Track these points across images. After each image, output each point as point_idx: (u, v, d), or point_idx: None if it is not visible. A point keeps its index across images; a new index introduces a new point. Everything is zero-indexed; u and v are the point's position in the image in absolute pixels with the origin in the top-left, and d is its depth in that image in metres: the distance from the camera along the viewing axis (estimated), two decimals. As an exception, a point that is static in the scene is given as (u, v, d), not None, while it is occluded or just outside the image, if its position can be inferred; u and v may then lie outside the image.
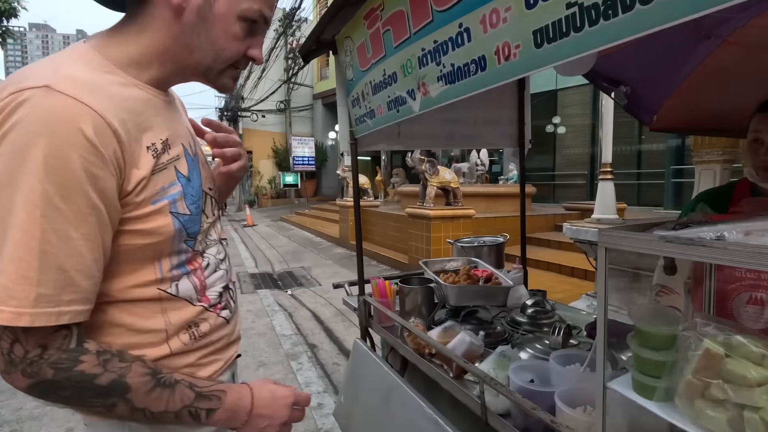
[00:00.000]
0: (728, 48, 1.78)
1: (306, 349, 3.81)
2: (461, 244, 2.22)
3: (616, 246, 0.71)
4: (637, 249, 0.69)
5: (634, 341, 0.72)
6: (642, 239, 0.68)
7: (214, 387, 0.70)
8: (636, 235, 0.69)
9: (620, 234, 0.71)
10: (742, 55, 1.78)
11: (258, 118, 21.20)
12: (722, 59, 1.82)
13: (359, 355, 1.72)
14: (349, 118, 1.72)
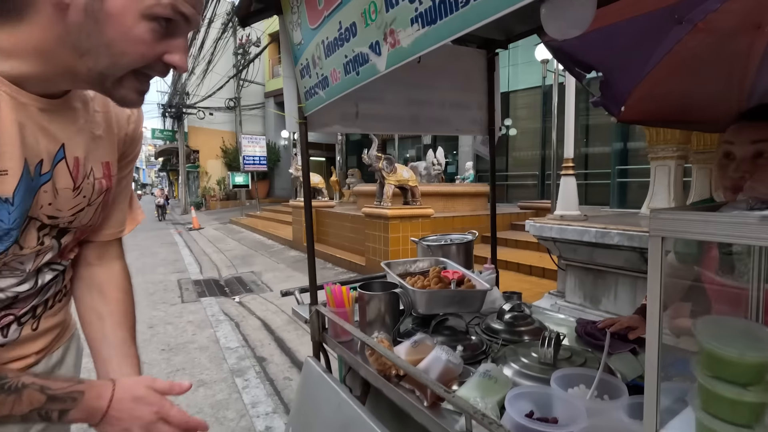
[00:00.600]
0: (698, 35, 1.69)
1: (254, 363, 3.43)
2: (427, 243, 1.98)
3: (682, 234, 0.49)
4: (718, 237, 0.46)
5: (703, 369, 0.50)
6: (727, 222, 0.45)
7: (72, 388, 0.66)
8: (715, 218, 0.46)
9: (689, 217, 0.48)
10: (711, 43, 1.70)
11: (205, 116, 20.08)
12: (691, 47, 1.73)
13: (311, 377, 1.43)
14: (297, 93, 1.43)
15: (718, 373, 0.48)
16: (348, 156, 19.57)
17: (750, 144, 0.96)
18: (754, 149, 0.95)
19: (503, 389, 1.01)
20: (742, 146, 0.97)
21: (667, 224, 0.49)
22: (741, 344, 0.48)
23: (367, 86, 1.63)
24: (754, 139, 0.95)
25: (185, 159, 21.37)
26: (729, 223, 0.44)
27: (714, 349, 0.49)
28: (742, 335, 0.50)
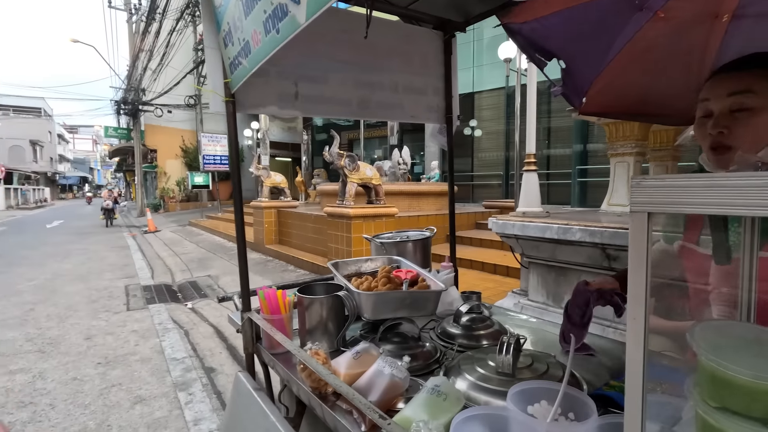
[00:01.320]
0: (657, 23, 1.64)
1: (201, 375, 3.16)
2: (381, 240, 1.82)
3: (678, 207, 0.34)
4: (730, 208, 0.32)
5: (704, 396, 0.35)
6: (746, 184, 0.31)
7: None
8: (727, 180, 0.32)
9: (686, 183, 0.33)
10: (670, 32, 1.65)
11: (163, 113, 19.16)
12: (651, 37, 1.68)
13: (240, 394, 1.23)
14: (222, 66, 1.23)
15: (725, 402, 0.34)
16: (314, 156, 19.21)
17: (727, 97, 0.86)
18: (731, 102, 0.85)
19: (454, 408, 0.86)
20: (718, 100, 0.87)
21: (657, 194, 0.35)
22: (753, 360, 0.34)
23: (307, 64, 1.46)
24: (731, 91, 0.85)
25: (142, 159, 20.32)
26: (749, 187, 0.29)
27: (719, 369, 0.35)
28: (753, 347, 0.37)
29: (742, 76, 0.86)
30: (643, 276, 0.37)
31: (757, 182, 0.30)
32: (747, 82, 0.85)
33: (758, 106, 0.83)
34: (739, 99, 0.85)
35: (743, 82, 0.85)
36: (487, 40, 11.71)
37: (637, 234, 0.37)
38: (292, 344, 1.05)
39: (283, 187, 8.96)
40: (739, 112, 0.85)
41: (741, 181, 0.30)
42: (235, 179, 1.32)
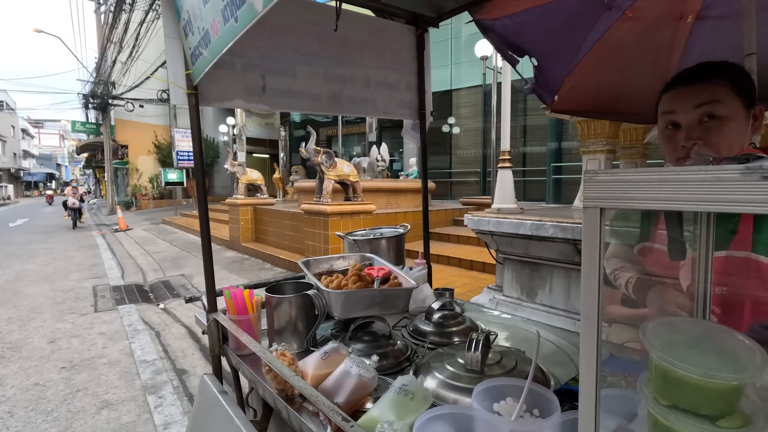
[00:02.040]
0: (625, 23, 1.68)
1: (172, 377, 3.07)
2: (354, 238, 1.80)
3: (631, 202, 0.33)
4: (685, 203, 0.31)
5: (655, 395, 0.35)
6: (702, 179, 0.30)
7: None
8: (683, 174, 0.31)
9: (640, 177, 0.33)
10: (638, 32, 1.69)
11: (134, 108, 18.55)
12: (620, 36, 1.72)
13: (206, 398, 1.19)
14: (183, 56, 1.18)
15: (676, 401, 0.34)
16: (292, 152, 18.98)
17: (694, 109, 0.88)
18: (699, 113, 0.87)
19: (421, 407, 0.84)
20: (686, 113, 0.89)
21: (609, 189, 0.34)
22: (704, 358, 0.34)
23: (275, 57, 1.42)
24: (698, 103, 0.87)
25: (112, 155, 19.63)
26: (704, 181, 0.28)
27: (669, 367, 0.34)
28: (704, 344, 0.36)
29: (705, 87, 0.88)
30: (596, 273, 0.36)
31: (708, 176, 0.29)
32: (711, 92, 0.87)
33: (726, 115, 0.85)
34: (708, 109, 0.87)
35: (707, 92, 0.87)
36: (464, 38, 11.80)
37: (590, 230, 0.36)
38: (257, 345, 1.02)
39: (259, 184, 8.81)
40: (709, 122, 0.87)
41: (692, 176, 0.30)
42: (199, 175, 1.27)
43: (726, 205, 0.28)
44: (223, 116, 19.48)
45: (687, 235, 0.84)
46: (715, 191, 0.28)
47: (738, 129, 0.86)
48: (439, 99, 11.75)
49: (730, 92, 0.87)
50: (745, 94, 0.88)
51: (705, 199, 0.29)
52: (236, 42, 1.30)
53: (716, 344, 0.36)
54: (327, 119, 18.21)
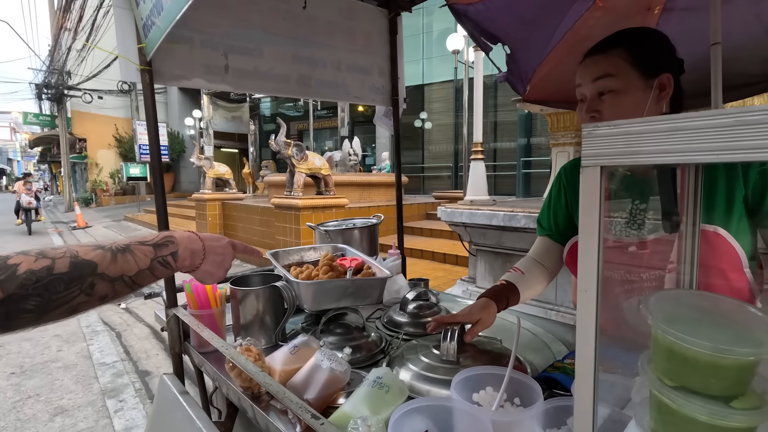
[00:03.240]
0: (596, 12, 1.68)
1: (134, 380, 2.91)
2: (325, 228, 1.73)
3: (643, 156, 0.29)
4: (693, 155, 0.27)
5: (659, 374, 0.31)
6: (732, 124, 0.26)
7: (160, 235, 0.69)
8: (680, 121, 0.27)
9: (652, 127, 0.28)
10: (608, 22, 1.69)
11: (93, 99, 17.61)
12: (590, 25, 1.71)
13: (165, 399, 1.11)
14: (135, 28, 1.08)
15: (683, 381, 0.30)
16: (262, 147, 18.57)
17: (592, 82, 0.89)
18: (596, 86, 0.88)
19: (397, 400, 0.80)
20: (587, 86, 0.90)
21: (612, 144, 0.30)
22: (715, 333, 0.30)
23: (239, 34, 1.33)
24: (595, 77, 0.88)
25: (69, 148, 18.58)
26: (725, 127, 0.24)
27: (677, 342, 0.30)
28: (714, 318, 0.33)
29: (601, 60, 0.88)
30: (595, 242, 0.32)
31: (730, 120, 0.25)
32: (605, 66, 0.88)
33: (619, 88, 0.86)
34: (603, 83, 0.87)
35: (602, 66, 0.88)
36: (436, 33, 11.83)
37: (589, 193, 0.32)
38: (220, 341, 0.94)
39: (227, 179, 8.54)
40: (605, 95, 0.88)
41: (710, 121, 0.26)
42: (155, 161, 1.18)
43: (752, 153, 0.24)
44: (189, 108, 18.80)
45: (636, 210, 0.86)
46: (738, 137, 0.24)
47: (634, 101, 0.86)
48: (411, 93, 11.71)
49: (625, 64, 0.87)
50: (643, 64, 0.87)
51: (726, 147, 0.25)
52: (195, 17, 1.21)
53: (727, 318, 0.33)
54: (298, 113, 17.90)
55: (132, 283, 0.62)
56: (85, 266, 0.57)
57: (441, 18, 11.30)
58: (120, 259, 0.60)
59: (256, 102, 17.88)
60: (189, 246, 0.71)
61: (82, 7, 11.61)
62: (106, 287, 0.59)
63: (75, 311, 0.58)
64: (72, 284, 0.55)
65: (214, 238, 0.79)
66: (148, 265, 0.64)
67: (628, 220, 0.96)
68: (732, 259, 0.81)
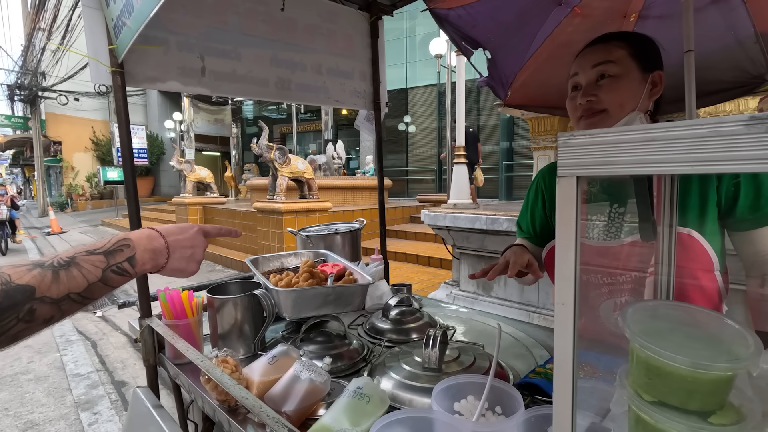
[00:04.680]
0: (574, 19, 1.70)
1: (109, 391, 2.81)
2: (307, 234, 1.71)
3: (618, 167, 0.28)
4: (670, 166, 0.26)
5: (638, 389, 0.30)
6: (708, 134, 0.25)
7: (112, 241, 0.62)
8: (657, 131, 0.26)
9: (630, 136, 0.28)
10: (586, 29, 1.72)
11: (69, 101, 17.13)
12: (569, 32, 1.75)
13: (138, 414, 1.06)
14: (106, 28, 1.04)
15: (662, 395, 0.30)
16: (245, 150, 18.35)
17: (591, 68, 0.93)
18: (596, 71, 0.93)
19: (378, 411, 0.78)
20: (585, 72, 0.94)
21: (587, 153, 0.29)
22: (692, 346, 0.30)
23: (216, 36, 1.30)
24: (595, 63, 0.93)
25: (43, 151, 18.01)
26: (701, 138, 0.24)
27: (654, 356, 0.30)
28: (690, 330, 0.33)
29: (602, 48, 0.94)
30: (572, 253, 0.31)
31: (705, 131, 0.24)
32: (606, 53, 0.93)
33: (618, 73, 0.91)
34: (602, 68, 0.92)
35: (603, 53, 0.93)
36: (419, 37, 11.90)
37: (565, 203, 0.31)
38: (195, 353, 0.91)
39: (209, 182, 8.40)
40: (603, 80, 0.93)
41: (686, 131, 0.25)
42: (128, 167, 1.13)
43: (727, 164, 0.23)
44: (169, 111, 18.45)
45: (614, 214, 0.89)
46: (713, 148, 0.24)
47: (631, 89, 0.91)
48: (394, 97, 11.79)
49: (625, 53, 0.91)
50: (642, 58, 0.92)
51: (702, 158, 0.24)
52: (170, 18, 1.18)
53: (703, 330, 0.32)
54: (282, 116, 17.76)
55: (82, 300, 0.56)
56: (19, 293, 0.50)
57: (424, 22, 11.38)
58: (63, 277, 0.54)
59: (238, 105, 17.68)
60: (149, 246, 0.64)
61: (56, 7, 11.29)
62: (49, 310, 0.53)
63: (16, 339, 0.53)
64: (6, 314, 0.49)
65: (179, 229, 0.71)
66: (99, 276, 0.58)
67: (606, 223, 0.97)
68: (704, 261, 0.83)
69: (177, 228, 0.72)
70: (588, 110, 0.93)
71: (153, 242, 0.66)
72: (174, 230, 0.71)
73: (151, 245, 0.65)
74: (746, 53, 1.48)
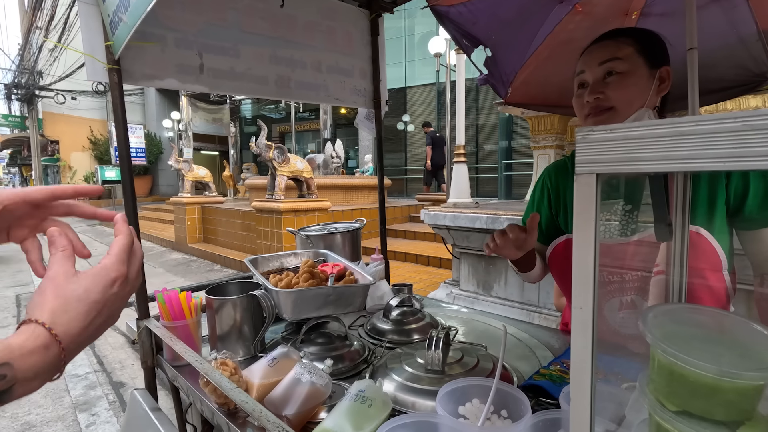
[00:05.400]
0: (575, 17, 1.69)
1: (108, 392, 2.80)
2: (306, 233, 1.69)
3: (640, 163, 0.27)
4: (699, 162, 0.25)
5: (660, 397, 0.29)
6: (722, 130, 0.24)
7: None
8: (685, 125, 0.25)
9: (652, 130, 0.26)
10: (587, 27, 1.71)
11: (66, 100, 17.07)
12: (570, 29, 1.73)
13: (135, 417, 1.05)
14: (102, 24, 1.02)
15: (685, 405, 0.28)
16: (243, 150, 18.30)
17: (598, 66, 0.93)
18: (603, 69, 0.92)
19: (380, 414, 0.77)
20: (592, 70, 0.94)
21: (608, 150, 0.27)
22: (718, 353, 0.28)
23: (214, 33, 1.28)
24: (602, 60, 0.92)
25: (41, 151, 17.94)
26: (733, 132, 0.22)
27: (678, 363, 0.28)
28: (717, 337, 0.31)
29: (610, 44, 0.93)
30: (591, 255, 0.30)
31: (738, 125, 0.23)
32: (612, 50, 0.92)
33: (625, 70, 0.91)
34: (611, 64, 0.92)
35: (610, 50, 0.92)
36: (418, 36, 11.88)
37: (583, 201, 0.29)
38: (193, 355, 0.89)
39: (207, 182, 8.37)
40: (610, 77, 0.92)
41: (717, 125, 0.23)
42: (125, 166, 1.11)
43: (762, 160, 0.22)
44: (167, 110, 18.40)
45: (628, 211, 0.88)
46: (748, 143, 0.22)
47: (639, 85, 0.90)
48: (394, 96, 11.77)
49: (633, 50, 0.91)
50: (649, 54, 0.92)
51: (735, 154, 0.23)
52: (168, 14, 1.16)
53: (730, 336, 0.31)
54: (280, 115, 17.71)
55: None
56: None
57: (423, 21, 11.36)
58: None
59: (236, 104, 17.63)
60: (35, 366, 0.40)
61: (53, 5, 11.24)
62: None
63: None
64: None
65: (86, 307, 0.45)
66: None
67: (617, 221, 0.96)
68: (712, 260, 0.81)
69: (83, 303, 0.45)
70: (596, 108, 0.92)
71: (46, 354, 0.41)
72: (79, 312, 0.44)
73: (42, 362, 0.41)
74: (748, 51, 1.47)
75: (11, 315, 4.49)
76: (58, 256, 0.48)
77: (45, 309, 0.43)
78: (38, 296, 0.44)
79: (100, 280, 0.47)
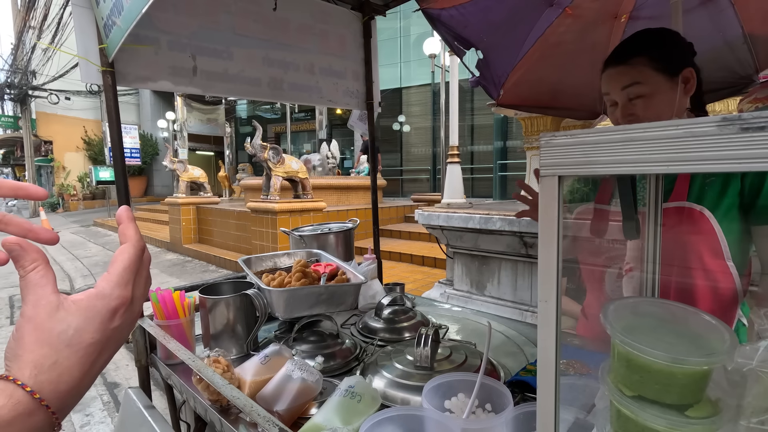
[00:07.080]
0: (566, 20, 1.72)
1: (102, 392, 2.80)
2: (300, 233, 1.71)
3: (599, 166, 0.29)
4: (646, 166, 0.27)
5: (619, 384, 0.31)
6: (681, 135, 0.26)
7: None
8: (635, 132, 0.27)
9: (612, 136, 0.28)
10: (577, 29, 1.74)
11: (60, 100, 16.96)
12: (560, 32, 1.76)
13: (129, 415, 1.06)
14: (96, 28, 1.03)
15: (641, 390, 0.30)
16: (238, 150, 18.27)
17: (621, 90, 0.95)
18: (626, 93, 0.94)
19: (369, 409, 0.79)
20: (617, 94, 0.97)
21: (568, 154, 0.29)
22: (671, 342, 0.31)
23: (207, 35, 1.30)
24: (623, 86, 0.95)
25: (34, 151, 17.81)
26: (676, 138, 0.24)
27: (633, 352, 0.30)
28: (670, 327, 0.33)
29: (626, 70, 0.95)
30: (554, 252, 0.32)
31: (680, 132, 0.25)
32: (632, 75, 0.94)
33: (648, 92, 0.93)
34: (632, 90, 0.94)
35: (629, 75, 0.94)
36: (413, 37, 11.91)
37: (547, 202, 0.32)
38: (186, 353, 0.91)
39: (202, 182, 8.35)
40: (635, 101, 0.94)
41: (662, 132, 0.26)
42: (118, 167, 1.13)
43: (701, 164, 0.24)
44: (162, 110, 18.33)
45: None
46: (688, 149, 0.25)
47: (665, 100, 0.92)
48: (389, 97, 11.78)
49: (650, 70, 0.92)
50: (667, 66, 0.93)
51: (677, 158, 0.25)
52: (161, 17, 1.17)
53: (682, 326, 0.33)
54: (276, 116, 17.69)
55: None
56: None
57: (418, 22, 11.39)
58: None
59: (232, 104, 17.59)
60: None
61: (46, 5, 11.17)
62: None
63: None
64: None
65: (80, 353, 0.35)
66: None
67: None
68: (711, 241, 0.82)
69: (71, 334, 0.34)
70: None
71: (29, 424, 0.32)
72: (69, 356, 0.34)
73: (24, 424, 0.32)
74: (734, 54, 1.50)
75: (4, 316, 4.47)
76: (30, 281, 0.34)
77: (25, 363, 0.32)
78: (15, 343, 0.33)
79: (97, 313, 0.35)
